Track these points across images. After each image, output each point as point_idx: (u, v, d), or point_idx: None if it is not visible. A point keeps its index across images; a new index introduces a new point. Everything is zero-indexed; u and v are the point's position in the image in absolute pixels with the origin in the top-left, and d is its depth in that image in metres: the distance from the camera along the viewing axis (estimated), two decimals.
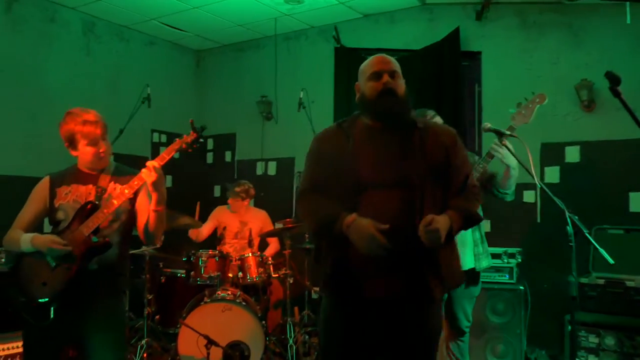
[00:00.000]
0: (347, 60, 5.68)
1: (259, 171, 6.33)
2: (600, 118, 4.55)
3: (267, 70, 6.25)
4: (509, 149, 2.99)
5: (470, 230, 3.32)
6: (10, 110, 5.03)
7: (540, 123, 3.63)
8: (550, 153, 4.71)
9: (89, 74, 5.76)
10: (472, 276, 3.34)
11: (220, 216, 5.14)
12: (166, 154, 2.53)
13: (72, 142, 2.59)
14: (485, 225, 3.83)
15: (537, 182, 2.77)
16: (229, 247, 4.90)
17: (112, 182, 2.64)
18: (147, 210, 2.57)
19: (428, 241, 2.00)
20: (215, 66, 6.88)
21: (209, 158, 6.81)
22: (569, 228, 2.53)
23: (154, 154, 6.34)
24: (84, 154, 2.59)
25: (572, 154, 4.64)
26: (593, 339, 3.70)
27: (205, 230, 5.06)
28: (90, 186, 2.62)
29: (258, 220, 5.09)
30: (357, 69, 5.40)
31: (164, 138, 6.46)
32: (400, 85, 2.23)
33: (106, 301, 2.55)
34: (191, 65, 6.97)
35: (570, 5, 4.74)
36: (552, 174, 4.69)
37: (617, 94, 1.95)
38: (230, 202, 5.09)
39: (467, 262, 3.29)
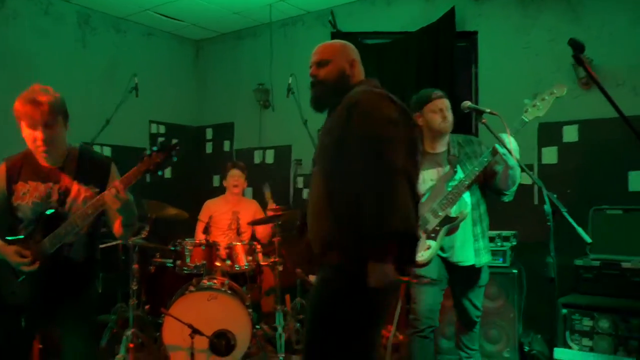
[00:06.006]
0: None
1: (257, 160, 6.27)
2: (599, 96, 4.22)
3: (264, 57, 6.18)
4: (506, 148, 2.82)
5: (470, 224, 3.22)
6: (4, 103, 5.03)
7: None
8: (548, 133, 4.54)
9: (85, 66, 5.75)
10: (474, 271, 3.23)
11: (213, 208, 5.05)
12: (133, 174, 2.32)
13: (19, 123, 2.39)
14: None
15: (513, 157, 2.67)
16: (224, 237, 4.82)
17: (76, 183, 2.43)
18: (115, 213, 2.40)
19: None
20: (214, 56, 6.83)
21: (208, 148, 6.78)
22: (547, 207, 2.42)
23: (152, 145, 6.32)
24: (26, 137, 2.39)
25: (571, 134, 4.47)
26: (587, 322, 3.57)
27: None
28: (51, 184, 2.43)
29: (249, 210, 5.02)
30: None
31: (162, 129, 6.45)
32: (328, 71, 2.28)
33: (77, 288, 2.45)
34: (190, 55, 6.94)
35: None
36: (550, 155, 4.54)
37: (580, 62, 1.84)
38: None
39: (469, 257, 3.19)
